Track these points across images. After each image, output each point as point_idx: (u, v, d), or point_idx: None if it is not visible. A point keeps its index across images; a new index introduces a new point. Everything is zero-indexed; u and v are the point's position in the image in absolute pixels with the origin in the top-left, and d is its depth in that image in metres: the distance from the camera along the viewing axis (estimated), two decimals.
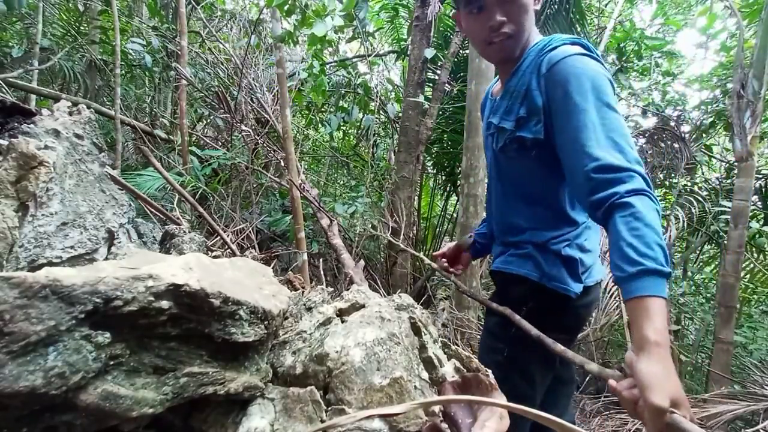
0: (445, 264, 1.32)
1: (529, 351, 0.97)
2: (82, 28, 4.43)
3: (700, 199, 3.66)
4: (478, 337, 2.63)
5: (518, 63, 0.97)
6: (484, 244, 1.34)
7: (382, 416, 0.53)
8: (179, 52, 3.42)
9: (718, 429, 2.10)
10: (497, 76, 1.13)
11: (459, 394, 0.63)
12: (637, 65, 4.28)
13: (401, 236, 3.41)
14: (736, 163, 2.82)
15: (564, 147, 0.85)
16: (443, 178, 4.82)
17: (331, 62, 4.57)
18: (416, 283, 3.77)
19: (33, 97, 3.48)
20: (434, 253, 1.37)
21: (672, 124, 3.86)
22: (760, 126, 2.65)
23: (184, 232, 1.13)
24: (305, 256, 2.51)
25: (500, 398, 0.61)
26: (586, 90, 0.81)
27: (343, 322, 0.68)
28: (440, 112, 4.19)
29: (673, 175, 3.78)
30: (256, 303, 0.58)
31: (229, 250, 1.53)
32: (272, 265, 3.02)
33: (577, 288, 0.96)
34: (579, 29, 3.88)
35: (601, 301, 2.72)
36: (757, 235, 3.43)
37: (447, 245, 1.37)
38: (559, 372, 1.16)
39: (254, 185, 3.88)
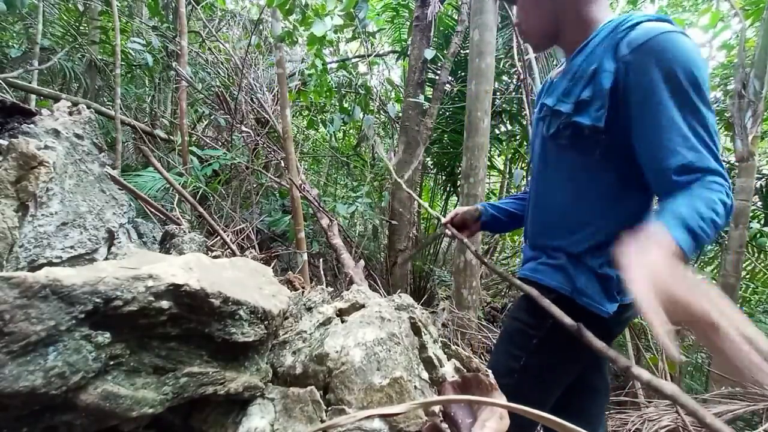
0: (454, 231, 1.23)
1: (547, 364, 0.94)
2: (82, 28, 4.43)
3: None
4: (479, 337, 2.63)
5: (586, 41, 0.88)
6: (497, 219, 1.23)
7: (382, 416, 0.53)
8: (179, 52, 3.42)
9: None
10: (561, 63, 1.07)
11: (459, 394, 0.63)
12: None
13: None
14: (736, 163, 2.82)
15: (644, 141, 0.77)
16: (443, 178, 4.83)
17: (332, 62, 4.58)
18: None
19: (33, 97, 3.48)
20: (443, 220, 1.29)
21: None
22: (761, 126, 2.65)
23: (184, 232, 1.13)
24: (305, 256, 2.51)
25: (500, 398, 0.61)
26: (680, 79, 0.72)
27: (343, 322, 0.68)
28: (440, 112, 4.19)
29: None
30: (256, 303, 0.58)
31: (229, 250, 1.53)
32: (272, 265, 3.02)
33: (611, 308, 0.88)
34: None
35: None
36: (758, 235, 3.43)
37: (455, 211, 1.28)
38: (593, 381, 1.10)
39: (254, 185, 3.88)
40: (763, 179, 3.74)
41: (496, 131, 4.34)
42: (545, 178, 1.00)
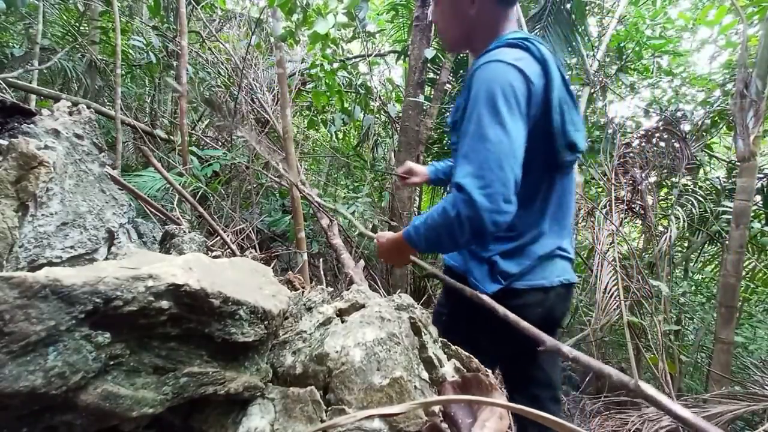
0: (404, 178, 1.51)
1: (464, 339, 1.00)
2: (82, 28, 4.43)
3: (700, 198, 3.66)
4: None
5: (478, 57, 1.02)
6: (440, 179, 1.51)
7: (382, 416, 0.53)
8: (179, 52, 3.42)
9: (718, 429, 2.09)
10: None
11: (459, 394, 0.63)
12: (640, 65, 4.27)
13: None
14: (738, 163, 2.81)
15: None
16: None
17: (338, 61, 4.57)
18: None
19: (33, 97, 3.48)
20: (399, 171, 1.56)
21: (673, 123, 3.86)
22: (762, 126, 2.64)
23: (184, 232, 1.13)
24: (305, 256, 2.51)
25: (500, 398, 0.61)
26: (480, 103, 0.88)
27: (343, 322, 0.68)
28: (440, 112, 4.19)
29: (674, 174, 3.78)
30: (256, 303, 0.58)
31: (229, 250, 1.53)
32: (272, 265, 3.02)
33: (490, 288, 0.99)
34: (580, 29, 3.87)
35: (600, 300, 2.72)
36: (759, 235, 3.43)
37: (408, 165, 1.54)
38: (532, 372, 1.14)
39: (254, 185, 3.88)
40: (765, 179, 3.73)
41: None
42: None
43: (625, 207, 3.40)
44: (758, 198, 3.65)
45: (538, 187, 1.01)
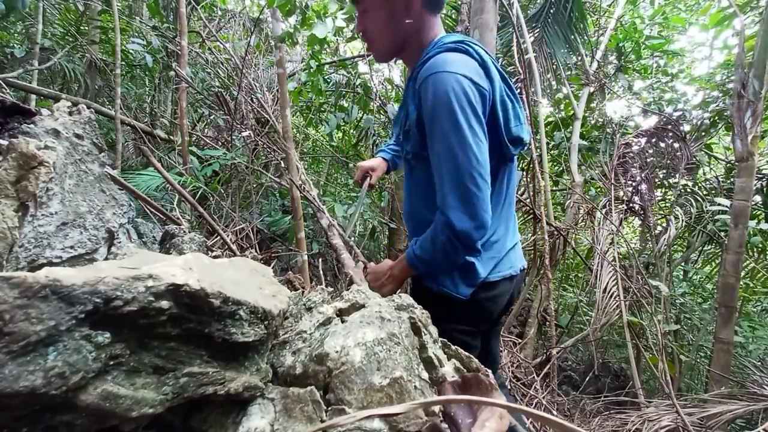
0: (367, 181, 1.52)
1: None
2: (82, 28, 4.43)
3: (699, 198, 3.66)
4: None
5: (420, 62, 1.02)
6: (397, 162, 1.55)
7: (382, 416, 0.53)
8: (179, 52, 3.41)
9: (718, 429, 2.10)
10: None
11: (459, 394, 0.63)
12: (638, 65, 4.27)
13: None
14: (736, 163, 2.82)
15: (433, 166, 0.96)
16: None
17: (331, 62, 4.57)
18: None
19: (33, 97, 3.47)
20: (364, 185, 1.53)
21: (672, 123, 3.86)
22: (760, 126, 2.64)
23: (184, 232, 1.13)
24: (305, 256, 2.51)
25: (500, 398, 0.61)
26: (441, 120, 0.89)
27: (343, 322, 0.68)
28: None
29: (673, 174, 3.78)
30: (256, 303, 0.58)
31: (229, 250, 1.53)
32: (272, 265, 3.02)
33: (465, 292, 1.04)
34: (579, 29, 3.88)
35: (600, 300, 2.72)
36: (751, 233, 3.42)
37: (362, 168, 1.50)
38: (486, 353, 1.26)
39: (254, 185, 3.88)
40: (764, 179, 3.73)
41: None
42: (407, 182, 1.19)
43: (625, 207, 3.40)
44: (758, 198, 3.65)
45: (498, 179, 1.07)
